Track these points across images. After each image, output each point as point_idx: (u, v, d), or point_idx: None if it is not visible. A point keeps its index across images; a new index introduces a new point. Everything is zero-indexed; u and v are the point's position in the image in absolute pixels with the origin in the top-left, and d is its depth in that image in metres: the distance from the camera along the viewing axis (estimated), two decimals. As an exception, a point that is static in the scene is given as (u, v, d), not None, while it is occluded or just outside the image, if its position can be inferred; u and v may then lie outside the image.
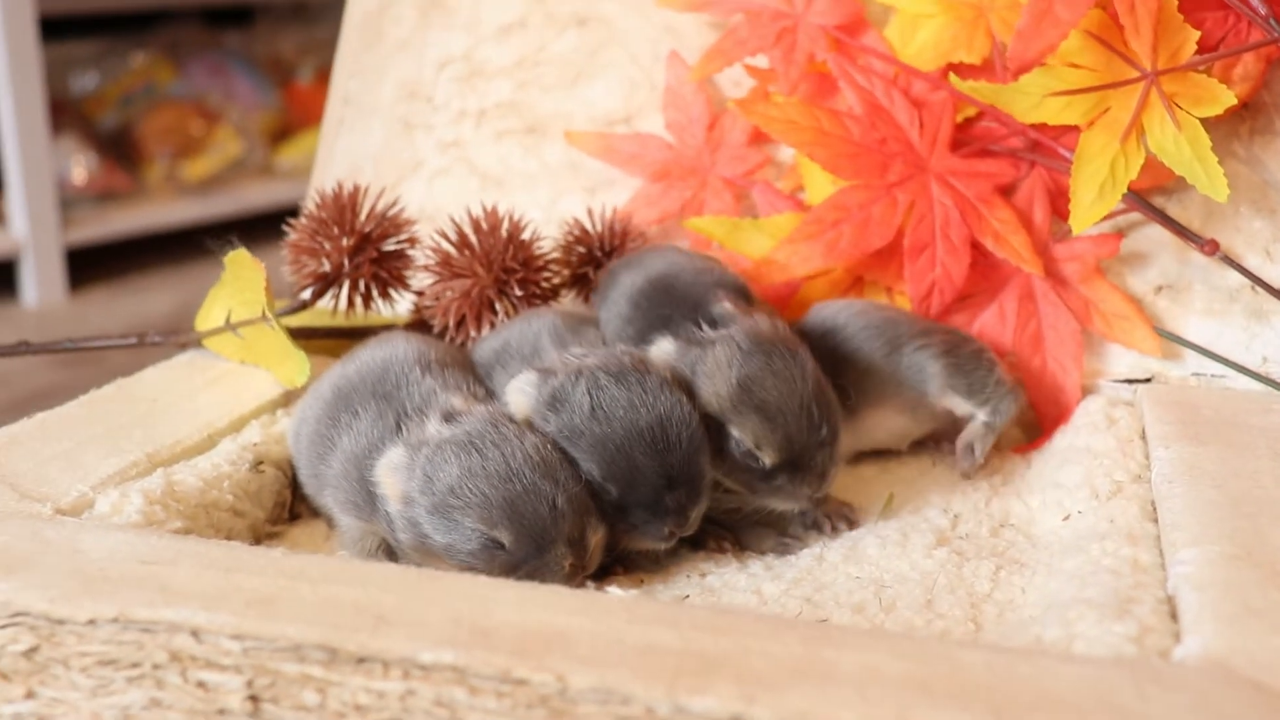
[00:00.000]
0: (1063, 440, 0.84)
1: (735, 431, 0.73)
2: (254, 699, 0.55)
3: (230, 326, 0.86)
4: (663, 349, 0.76)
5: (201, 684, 0.55)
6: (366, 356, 0.77)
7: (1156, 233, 0.90)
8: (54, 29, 2.34)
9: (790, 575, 0.72)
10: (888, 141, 0.88)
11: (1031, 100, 0.83)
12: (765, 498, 0.75)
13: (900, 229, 0.87)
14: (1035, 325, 0.88)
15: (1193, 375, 0.88)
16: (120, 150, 2.47)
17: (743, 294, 0.82)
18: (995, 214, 0.87)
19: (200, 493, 0.73)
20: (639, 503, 0.70)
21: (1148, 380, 0.89)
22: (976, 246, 0.88)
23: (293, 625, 0.55)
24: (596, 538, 0.69)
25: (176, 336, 0.90)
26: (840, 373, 0.83)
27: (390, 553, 0.72)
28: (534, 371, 0.73)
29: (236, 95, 2.62)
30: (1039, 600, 0.67)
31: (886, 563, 0.73)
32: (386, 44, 1.07)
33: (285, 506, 0.80)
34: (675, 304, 0.80)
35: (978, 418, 0.83)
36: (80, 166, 2.37)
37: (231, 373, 0.88)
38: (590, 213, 0.94)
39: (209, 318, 0.89)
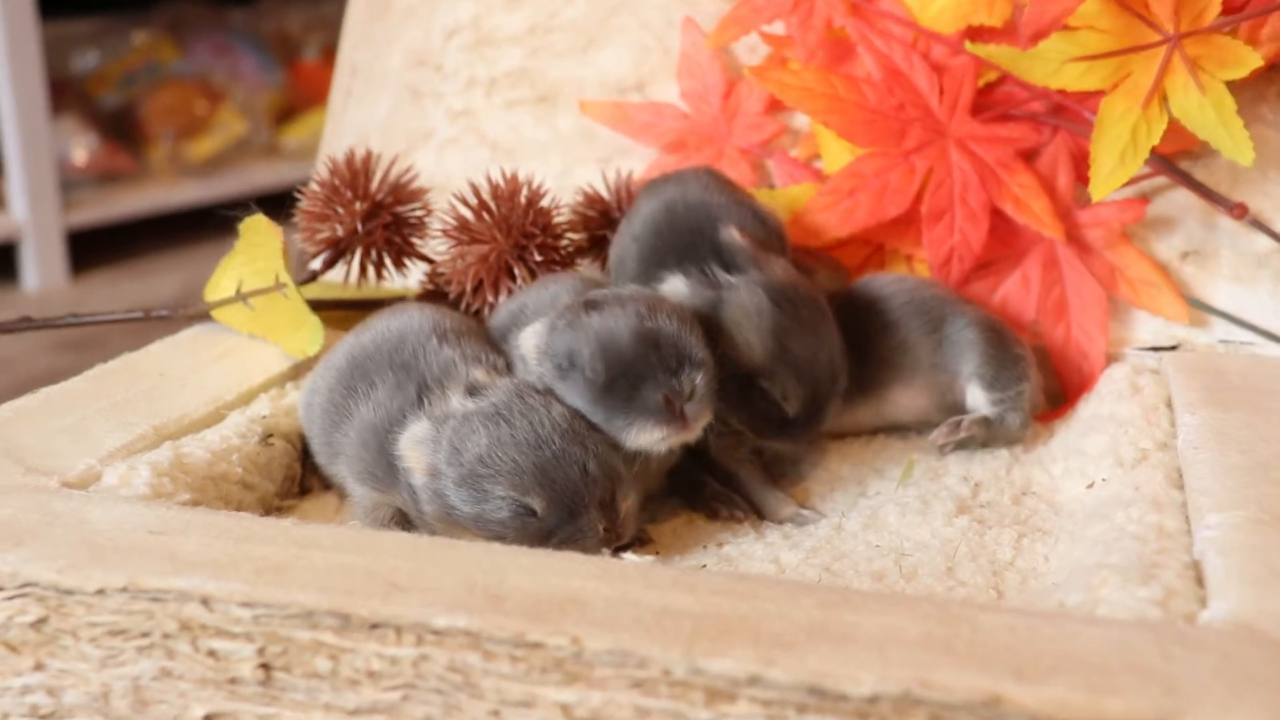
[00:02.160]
0: (1086, 408, 0.85)
1: (764, 382, 0.76)
2: (265, 667, 0.56)
3: (241, 296, 0.87)
4: (674, 288, 0.77)
5: (212, 653, 0.56)
6: (381, 326, 0.78)
7: (1183, 197, 0.90)
8: (54, 6, 2.35)
9: (808, 544, 0.72)
10: (905, 107, 0.88)
11: (1050, 66, 0.83)
12: (770, 440, 0.78)
13: (918, 196, 0.88)
14: (1060, 292, 0.88)
15: (1220, 342, 0.88)
16: (122, 130, 2.48)
17: (768, 229, 0.83)
18: (1016, 179, 0.87)
19: (209, 465, 0.74)
20: (625, 373, 0.70)
21: (1174, 348, 0.89)
22: (1000, 213, 0.88)
23: (304, 592, 0.56)
24: (628, 503, 0.70)
25: (184, 309, 0.91)
26: (875, 345, 0.83)
27: (405, 523, 0.73)
28: (543, 320, 0.75)
29: (241, 74, 2.63)
30: (1062, 567, 0.68)
31: (907, 531, 0.73)
32: (394, 12, 1.08)
33: (295, 480, 0.81)
34: (684, 234, 0.81)
35: (983, 411, 0.84)
36: (81, 147, 2.38)
37: (240, 347, 0.89)
38: (605, 178, 0.95)
39: (219, 288, 0.90)
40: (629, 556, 0.64)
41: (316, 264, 0.90)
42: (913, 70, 0.89)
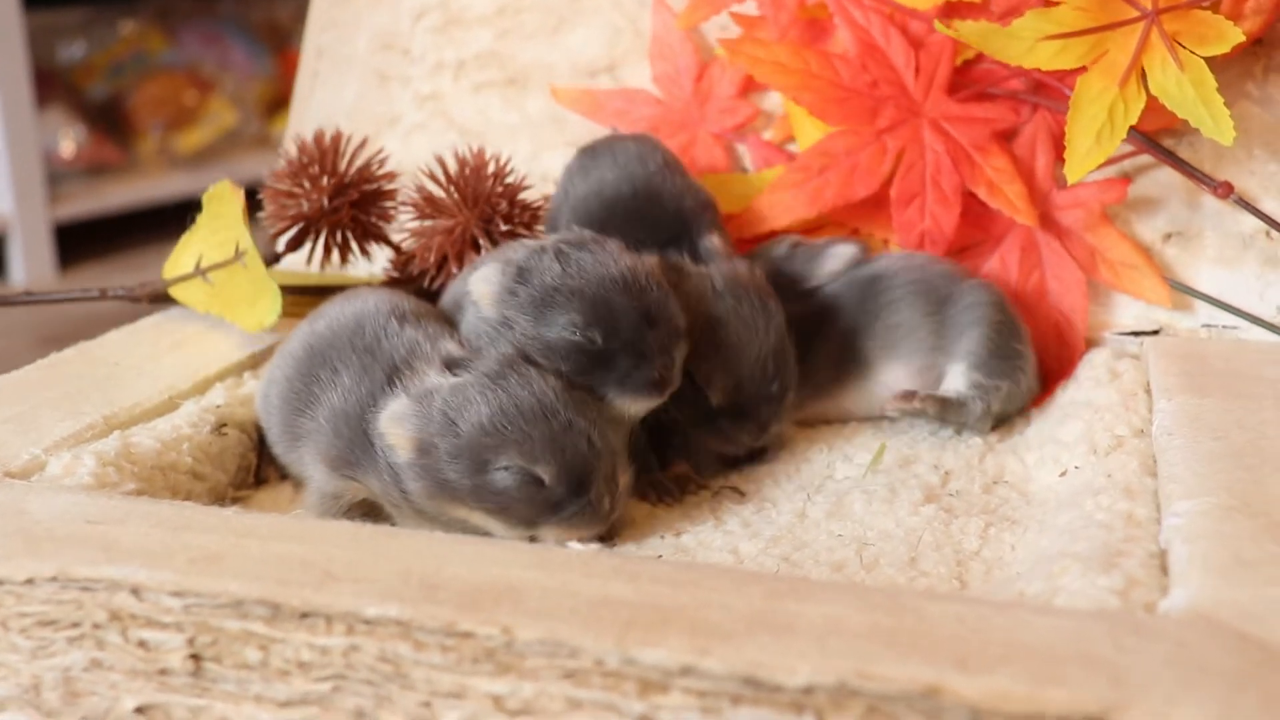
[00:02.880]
0: (1064, 395, 0.84)
1: (691, 366, 0.76)
2: (195, 658, 0.55)
3: (200, 272, 0.87)
4: None
5: (143, 643, 0.56)
6: (336, 312, 0.77)
7: (1166, 177, 0.89)
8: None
9: (769, 533, 0.72)
10: (879, 85, 0.87)
11: (1024, 44, 0.82)
12: (703, 433, 0.78)
13: (889, 177, 0.87)
14: (1038, 276, 0.88)
15: (1203, 327, 0.88)
16: (110, 122, 2.48)
17: (711, 208, 0.84)
18: (990, 161, 0.86)
19: (157, 455, 0.73)
20: (623, 345, 0.71)
21: (1155, 332, 0.88)
22: (977, 195, 0.88)
23: (235, 581, 0.55)
24: (625, 478, 0.71)
25: (141, 287, 0.91)
26: (874, 325, 0.83)
27: (365, 513, 0.73)
28: (495, 262, 0.75)
29: (231, 64, 2.62)
30: (1028, 557, 0.67)
31: (871, 520, 0.73)
32: (362, -7, 1.07)
33: (250, 470, 0.81)
34: (653, 227, 0.81)
35: (958, 391, 0.82)
36: (68, 139, 2.38)
37: (198, 335, 0.89)
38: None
39: (178, 265, 0.89)
40: (574, 545, 0.64)
41: (281, 244, 0.90)
42: (889, 45, 0.88)
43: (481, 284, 0.74)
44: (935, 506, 0.74)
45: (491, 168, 0.87)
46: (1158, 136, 0.88)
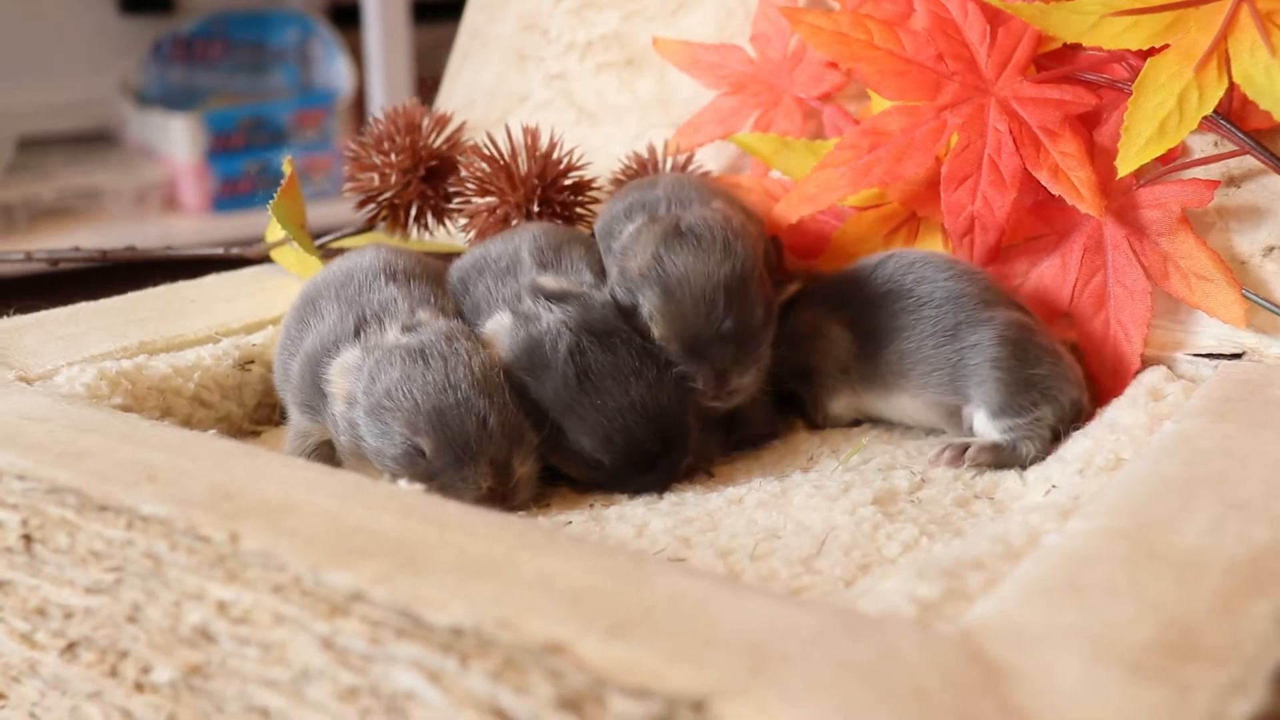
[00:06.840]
0: (1099, 414, 0.75)
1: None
2: (27, 538, 0.61)
3: (287, 239, 0.94)
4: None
5: (-1, 523, 0.62)
6: (334, 265, 0.82)
7: (1278, 184, 0.77)
8: (434, 11, 2.59)
9: (688, 513, 0.69)
10: (945, 60, 0.81)
11: (1085, 20, 0.75)
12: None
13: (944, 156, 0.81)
14: (1100, 280, 0.79)
15: (1295, 353, 0.76)
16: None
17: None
18: (1059, 145, 0.78)
19: (162, 379, 0.80)
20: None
21: (1238, 356, 0.77)
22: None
23: (64, 471, 0.60)
24: (524, 469, 0.71)
25: (252, 248, 0.99)
26: (888, 345, 0.78)
27: (329, 454, 0.77)
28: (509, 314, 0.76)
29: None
30: (911, 563, 0.61)
31: (801, 514, 0.69)
32: (514, -24, 1.12)
33: (277, 408, 0.86)
34: None
35: (992, 437, 0.75)
36: (441, 141, 2.59)
37: (279, 287, 0.95)
38: (651, 149, 0.94)
39: (276, 230, 0.97)
40: (400, 483, 0.64)
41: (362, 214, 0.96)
42: (965, 20, 0.82)
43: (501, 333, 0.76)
44: (876, 510, 0.68)
45: (540, 149, 0.89)
46: (1272, 135, 0.77)
